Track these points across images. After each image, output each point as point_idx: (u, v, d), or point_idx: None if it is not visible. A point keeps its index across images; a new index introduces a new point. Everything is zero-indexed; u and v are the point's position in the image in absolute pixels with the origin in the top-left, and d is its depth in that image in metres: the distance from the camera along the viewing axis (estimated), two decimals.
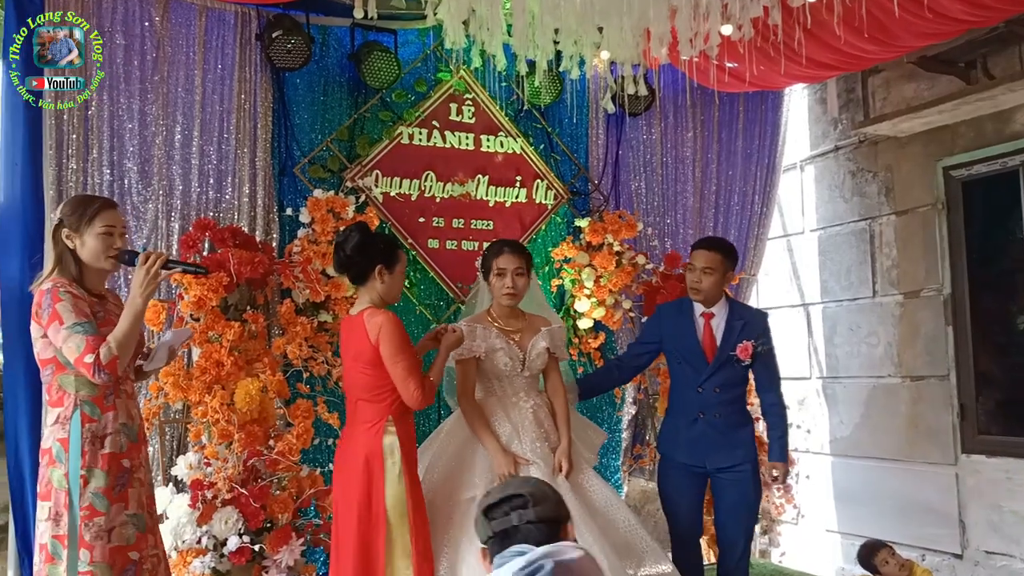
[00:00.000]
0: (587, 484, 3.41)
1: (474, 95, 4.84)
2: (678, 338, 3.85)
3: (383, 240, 3.24)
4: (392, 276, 3.14)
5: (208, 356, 3.71)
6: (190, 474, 3.65)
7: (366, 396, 3.07)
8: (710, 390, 3.74)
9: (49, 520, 2.66)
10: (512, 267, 3.48)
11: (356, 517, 2.97)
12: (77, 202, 2.87)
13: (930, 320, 4.92)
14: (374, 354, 3.00)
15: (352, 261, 3.11)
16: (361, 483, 2.99)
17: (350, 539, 2.97)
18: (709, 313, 3.80)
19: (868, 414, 5.27)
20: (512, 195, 4.94)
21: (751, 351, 3.71)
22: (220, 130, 4.17)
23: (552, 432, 3.45)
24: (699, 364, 3.77)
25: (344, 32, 4.50)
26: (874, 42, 3.90)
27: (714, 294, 3.78)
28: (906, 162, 5.08)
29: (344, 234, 3.17)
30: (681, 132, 5.35)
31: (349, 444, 3.11)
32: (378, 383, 3.04)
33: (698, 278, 3.76)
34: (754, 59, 3.91)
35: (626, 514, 3.41)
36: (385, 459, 3.01)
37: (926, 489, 4.89)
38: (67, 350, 2.65)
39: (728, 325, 3.77)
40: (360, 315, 3.07)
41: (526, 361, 3.49)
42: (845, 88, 5.37)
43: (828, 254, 5.57)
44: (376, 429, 3.03)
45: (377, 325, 3.00)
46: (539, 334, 3.52)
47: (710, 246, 3.83)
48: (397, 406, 3.06)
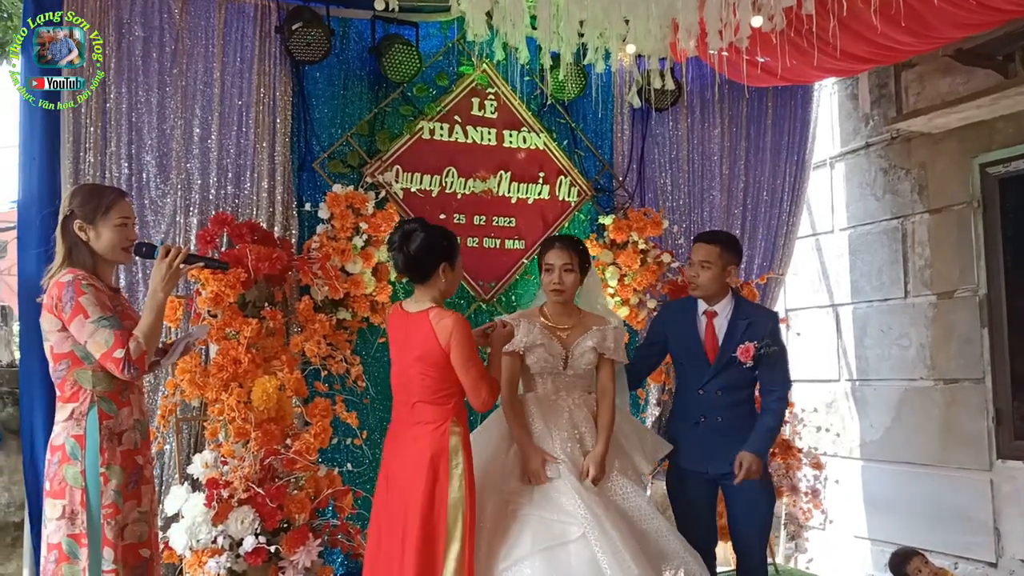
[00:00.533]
0: (620, 492, 3.30)
1: (496, 89, 4.77)
2: (680, 338, 3.72)
3: (446, 236, 3.07)
4: (454, 272, 3.06)
5: (225, 353, 3.66)
6: (206, 472, 3.59)
7: (428, 398, 2.98)
8: (712, 392, 3.60)
9: (63, 519, 2.61)
10: (560, 263, 3.39)
11: (419, 515, 2.89)
12: (89, 193, 2.82)
13: (965, 322, 4.78)
14: (442, 357, 2.92)
15: (417, 260, 2.98)
16: (426, 482, 2.91)
17: (411, 538, 2.88)
18: (712, 312, 3.66)
19: (899, 418, 5.13)
20: (535, 192, 4.86)
21: (752, 353, 3.51)
22: (239, 124, 4.11)
23: (589, 435, 3.35)
24: (700, 365, 3.63)
25: (365, 25, 4.44)
26: (910, 33, 3.78)
27: (714, 289, 3.63)
28: (940, 159, 4.94)
29: (405, 231, 3.00)
30: (708, 127, 5.24)
31: (409, 443, 3.00)
32: (443, 385, 2.97)
33: (695, 272, 3.63)
34: (786, 51, 3.79)
35: (659, 524, 3.28)
36: (450, 460, 2.95)
37: (960, 495, 4.75)
38: (93, 345, 2.60)
39: (731, 324, 3.61)
40: (424, 315, 2.97)
41: (569, 360, 3.40)
42: (877, 83, 5.23)
43: (859, 253, 5.43)
44: (442, 430, 2.96)
45: (447, 328, 2.91)
46: (588, 333, 3.42)
47: (707, 239, 3.69)
48: (459, 408, 3.01)
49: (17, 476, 3.93)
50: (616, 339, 3.47)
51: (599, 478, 3.26)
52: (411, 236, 2.97)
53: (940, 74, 4.87)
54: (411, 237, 2.96)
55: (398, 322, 3.10)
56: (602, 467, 3.28)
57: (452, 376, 2.95)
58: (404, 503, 2.94)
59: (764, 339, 3.54)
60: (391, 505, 3.00)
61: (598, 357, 3.45)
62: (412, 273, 3.03)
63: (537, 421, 3.35)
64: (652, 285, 4.89)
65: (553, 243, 3.47)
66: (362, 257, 4.16)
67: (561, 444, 3.28)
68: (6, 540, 4.02)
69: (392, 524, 2.97)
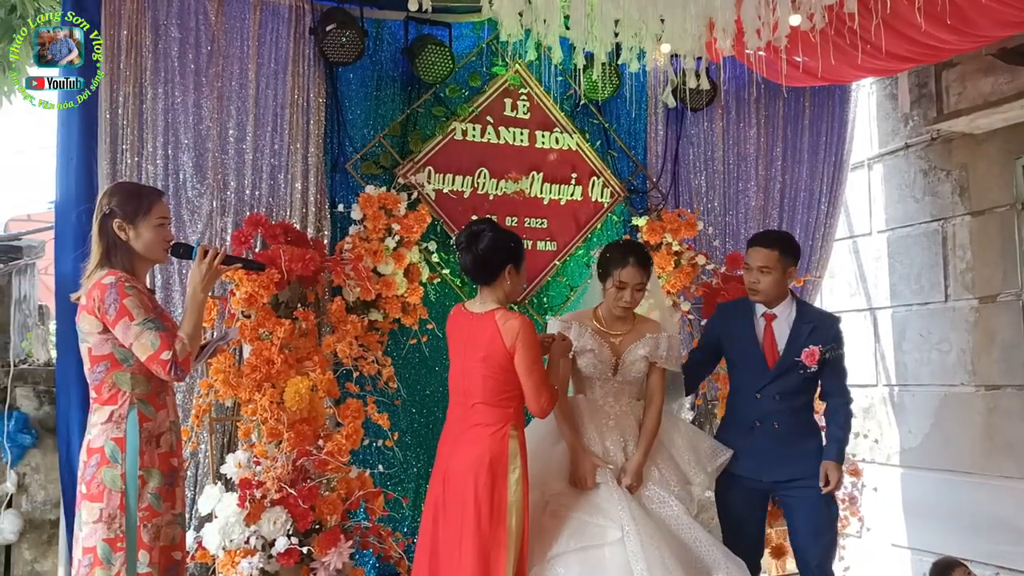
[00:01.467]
0: (657, 500, 3.24)
1: (529, 90, 4.74)
2: (736, 340, 3.61)
3: (513, 238, 3.07)
4: (519, 275, 3.06)
5: (259, 353, 3.66)
6: (239, 473, 3.60)
7: (490, 399, 2.97)
8: (769, 397, 3.48)
9: (100, 522, 2.60)
10: (635, 282, 3.31)
11: (475, 517, 2.89)
12: (130, 192, 2.81)
13: (1007, 326, 4.67)
14: (506, 359, 2.92)
15: (485, 261, 2.98)
16: (483, 485, 2.91)
17: (467, 539, 2.89)
18: (771, 314, 3.55)
19: (939, 424, 5.03)
20: (567, 193, 4.82)
21: (818, 357, 3.42)
22: (273, 125, 4.13)
23: (633, 443, 3.32)
24: (758, 369, 3.52)
25: (398, 26, 4.43)
26: (954, 31, 3.69)
27: (775, 294, 3.52)
28: (983, 160, 4.83)
29: (473, 231, 3.00)
30: (744, 128, 5.17)
31: (467, 445, 2.99)
32: (504, 388, 2.96)
33: (755, 278, 3.51)
34: (827, 50, 3.72)
35: (697, 533, 3.20)
36: (509, 464, 2.95)
37: (1002, 504, 4.64)
38: (139, 347, 2.59)
39: (795, 329, 3.50)
40: (490, 315, 2.97)
41: (619, 367, 3.36)
42: (917, 83, 5.13)
43: (897, 256, 5.33)
44: (501, 434, 2.95)
45: (514, 330, 2.91)
46: (641, 340, 3.37)
47: (764, 243, 3.54)
48: (519, 412, 3.01)
49: (53, 474, 3.97)
50: (670, 347, 3.41)
51: (634, 487, 3.22)
52: (480, 236, 2.97)
53: (982, 73, 4.76)
54: (480, 237, 2.97)
55: (461, 322, 3.10)
56: (638, 476, 3.24)
57: (514, 379, 2.94)
58: (461, 503, 2.94)
59: (829, 343, 3.45)
60: (448, 504, 3.00)
61: (649, 365, 3.40)
62: (479, 274, 3.03)
63: (587, 424, 3.33)
64: (686, 287, 4.83)
65: (627, 258, 3.31)
66: (394, 258, 4.15)
67: (602, 448, 3.26)
68: (43, 538, 4.06)
69: (449, 524, 2.98)
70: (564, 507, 3.14)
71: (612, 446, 3.29)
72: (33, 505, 4.07)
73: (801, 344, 3.46)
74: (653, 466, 3.33)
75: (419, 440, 4.43)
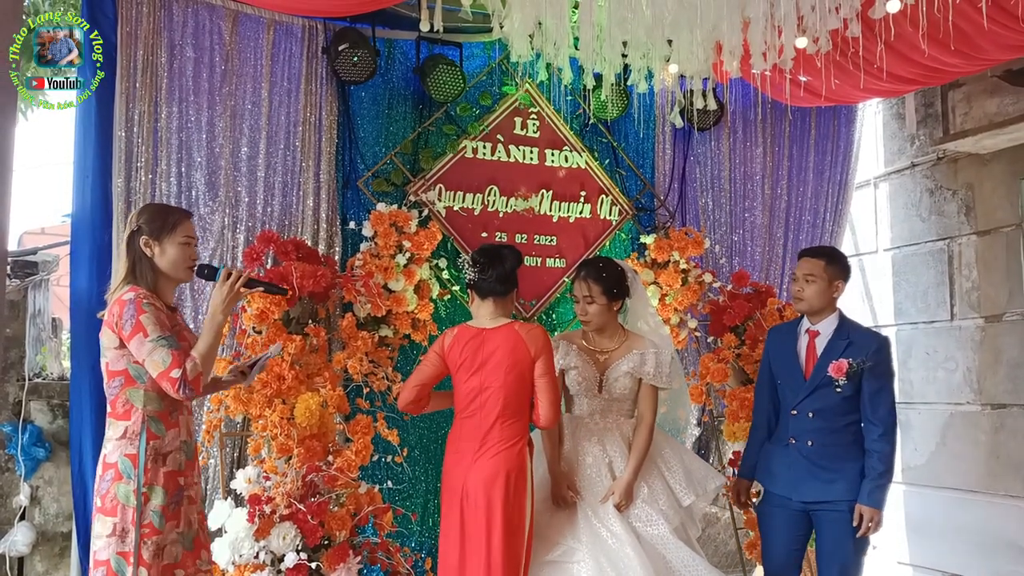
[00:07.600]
0: (643, 518, 3.26)
1: (539, 109, 4.79)
2: (780, 357, 3.60)
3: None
4: (516, 289, 3.31)
5: (269, 369, 3.70)
6: (249, 488, 3.63)
7: (511, 415, 3.11)
8: (804, 414, 3.43)
9: (113, 536, 2.62)
10: (582, 295, 3.43)
11: (502, 529, 3.01)
12: (157, 210, 2.87)
13: (1014, 345, 4.69)
14: (530, 368, 3.11)
15: (508, 276, 3.22)
16: (506, 499, 3.05)
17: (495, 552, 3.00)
18: (815, 331, 3.52)
19: (945, 442, 5.04)
20: (576, 210, 4.86)
21: (845, 369, 3.32)
22: (286, 143, 4.18)
23: (619, 460, 3.35)
24: (795, 384, 3.49)
25: (410, 45, 4.49)
26: (958, 55, 3.73)
27: (819, 304, 3.49)
28: (988, 180, 4.86)
29: (495, 250, 3.27)
30: (750, 147, 5.21)
31: (487, 461, 3.08)
32: (525, 401, 3.15)
33: (800, 287, 3.52)
34: (831, 73, 3.76)
35: (683, 554, 3.19)
36: (526, 476, 3.12)
37: (1007, 523, 4.64)
38: (151, 364, 2.61)
39: (831, 343, 3.45)
40: (509, 327, 3.15)
41: (604, 383, 3.40)
42: (923, 103, 5.17)
43: (903, 275, 5.36)
44: (518, 448, 3.11)
45: (539, 338, 3.14)
46: (627, 356, 3.41)
47: (811, 253, 3.60)
48: (528, 425, 3.17)
49: (66, 488, 4.00)
50: (658, 363, 3.41)
51: (623, 505, 3.25)
52: (507, 255, 3.22)
53: (988, 94, 4.80)
54: (508, 255, 3.24)
55: (471, 341, 3.17)
56: (628, 494, 3.27)
57: (530, 391, 3.11)
58: (487, 517, 3.04)
59: (864, 359, 3.35)
60: (471, 522, 3.08)
61: (637, 382, 3.42)
62: (500, 288, 3.21)
63: (568, 441, 3.41)
64: (693, 305, 4.86)
65: (579, 272, 3.51)
66: (405, 275, 4.19)
67: (588, 466, 3.32)
68: (55, 550, 4.09)
69: (472, 541, 3.07)
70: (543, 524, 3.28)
71: (593, 464, 3.32)
72: (46, 518, 4.10)
73: (834, 358, 3.41)
74: (643, 483, 3.34)
75: (428, 456, 4.46)
